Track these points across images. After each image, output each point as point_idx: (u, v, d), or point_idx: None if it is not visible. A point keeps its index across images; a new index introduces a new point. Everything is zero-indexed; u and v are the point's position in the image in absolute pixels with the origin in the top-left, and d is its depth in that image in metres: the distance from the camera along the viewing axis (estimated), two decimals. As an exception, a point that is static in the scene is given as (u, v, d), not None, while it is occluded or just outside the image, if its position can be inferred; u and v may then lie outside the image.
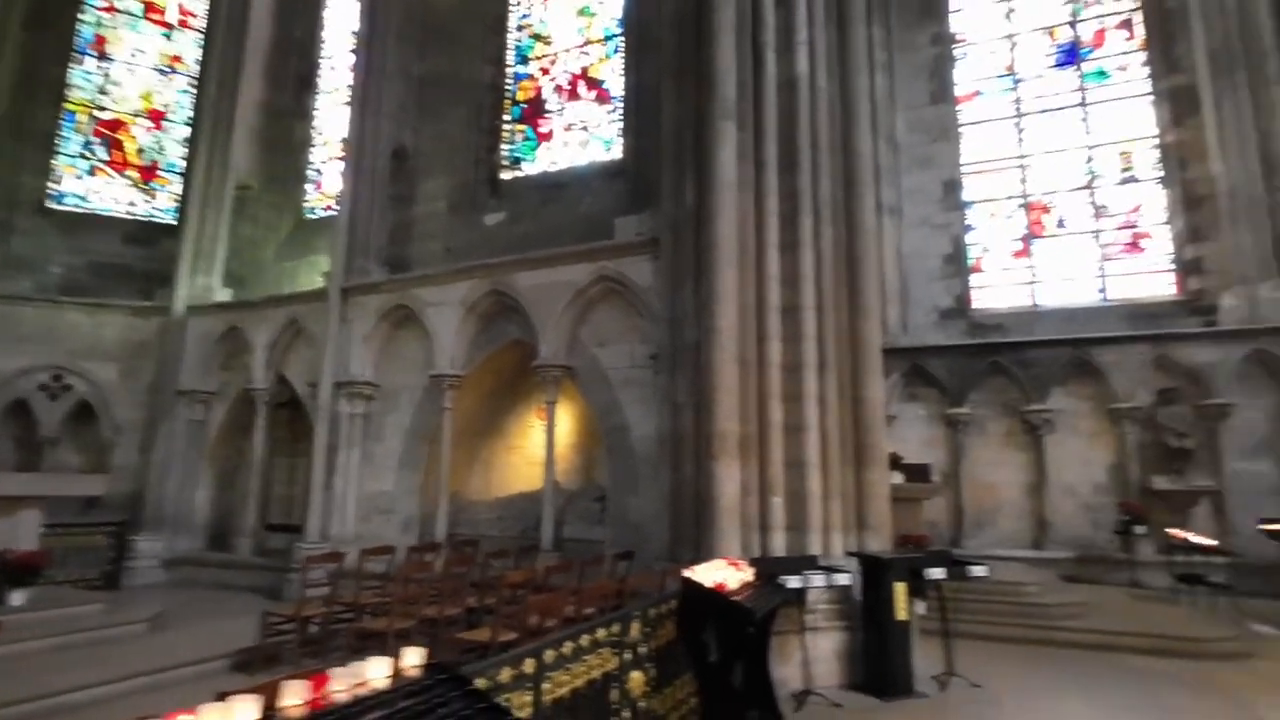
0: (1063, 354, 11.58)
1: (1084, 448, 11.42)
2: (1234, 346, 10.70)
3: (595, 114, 9.42)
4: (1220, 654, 6.39)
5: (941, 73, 14.52)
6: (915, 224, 14.04)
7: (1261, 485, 10.44)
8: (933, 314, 13.73)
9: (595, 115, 9.43)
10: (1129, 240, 13.06)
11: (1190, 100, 12.67)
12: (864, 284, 6.58)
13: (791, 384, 6.14)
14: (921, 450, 12.26)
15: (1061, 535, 11.23)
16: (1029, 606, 7.33)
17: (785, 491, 5.99)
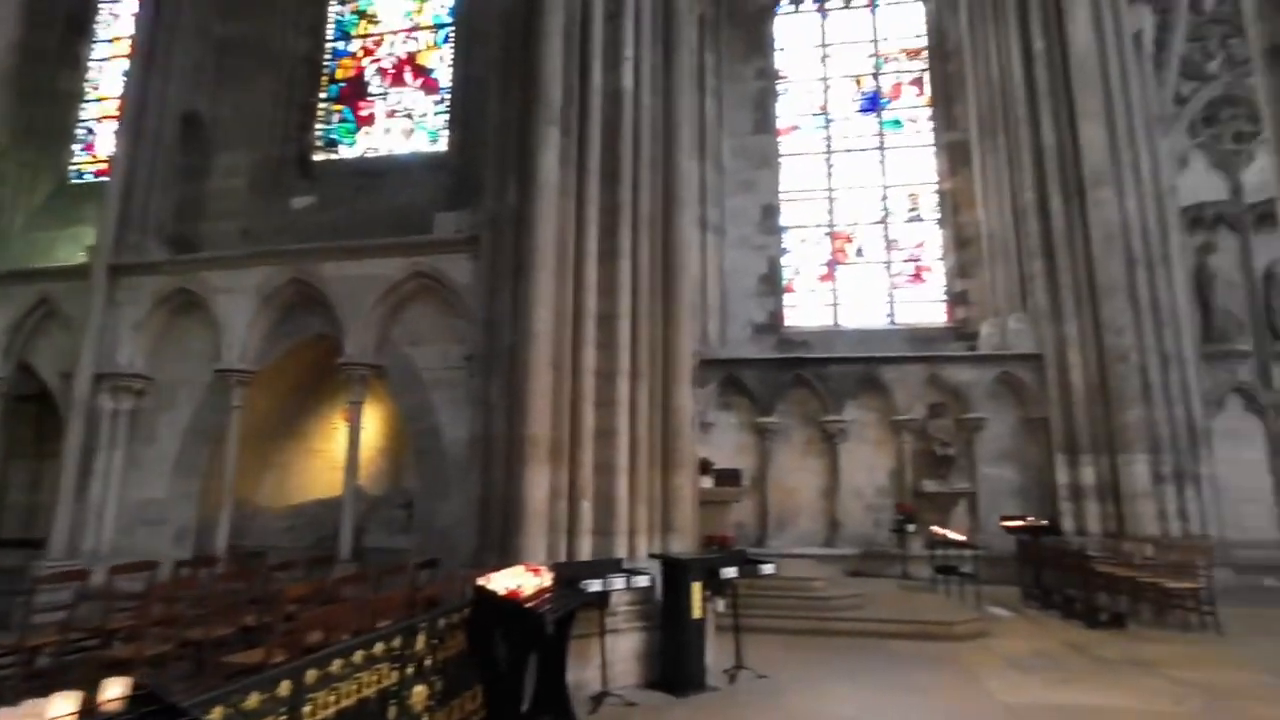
0: (856, 370, 12.83)
1: (870, 455, 12.72)
2: (988, 369, 12.46)
3: (422, 102, 9.02)
4: (964, 635, 7.36)
5: (765, 105, 15.62)
6: (736, 243, 14.94)
7: (1004, 488, 12.24)
8: (748, 329, 14.67)
9: (422, 104, 9.03)
10: (913, 272, 14.80)
11: (963, 154, 14.65)
12: (678, 296, 6.84)
13: (605, 390, 6.23)
14: (734, 456, 13.01)
15: (849, 534, 12.41)
16: (815, 600, 8.00)
17: (595, 495, 6.05)
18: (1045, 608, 9.04)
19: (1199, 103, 12.66)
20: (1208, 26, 12.89)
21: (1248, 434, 11.75)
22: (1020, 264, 12.76)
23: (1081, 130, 12.11)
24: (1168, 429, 11.17)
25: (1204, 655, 6.68)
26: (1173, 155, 12.54)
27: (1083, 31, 12.30)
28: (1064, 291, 11.99)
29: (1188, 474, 11.13)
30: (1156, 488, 10.99)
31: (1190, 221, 12.32)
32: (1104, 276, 11.59)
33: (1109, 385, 11.39)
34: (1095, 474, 11.38)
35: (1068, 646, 7.00)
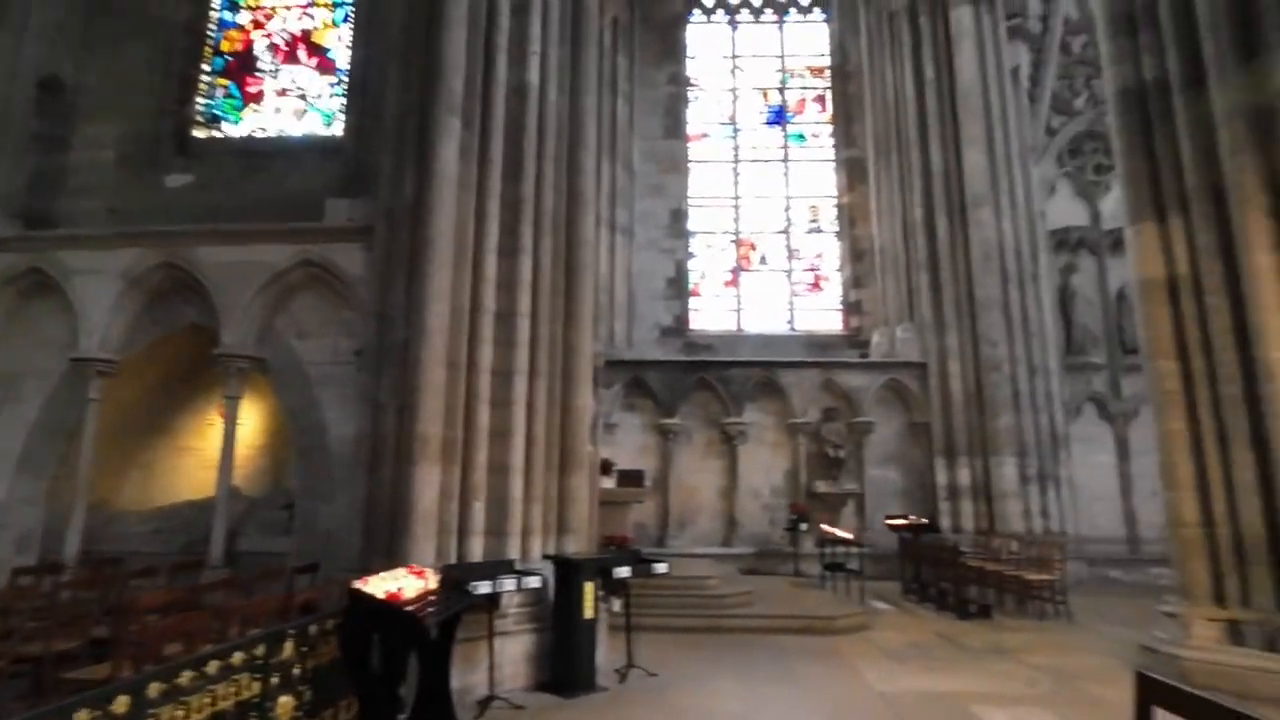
0: (756, 374, 13.21)
1: (768, 456, 13.13)
2: (877, 375, 13.13)
3: (316, 83, 8.57)
4: (846, 628, 7.71)
5: (676, 111, 15.85)
6: (645, 246, 15.07)
7: (890, 488, 12.93)
8: (655, 331, 14.83)
9: (317, 85, 8.58)
10: (812, 281, 15.40)
11: (860, 171, 15.40)
12: (580, 296, 6.82)
13: (501, 389, 6.12)
14: (637, 457, 13.11)
15: (746, 533, 12.76)
16: (709, 598, 8.16)
17: (488, 496, 5.92)
18: (922, 601, 9.60)
19: (1066, 136, 13.84)
20: (1075, 67, 14.11)
21: (1100, 439, 12.92)
22: (909, 277, 13.53)
23: (965, 155, 13.00)
24: (1033, 434, 12.13)
25: (1056, 642, 7.28)
26: (1043, 182, 13.64)
27: (968, 64, 13.20)
28: (946, 304, 12.82)
29: (1049, 476, 12.13)
30: (1023, 488, 11.92)
31: (1056, 244, 13.44)
32: (982, 291, 12.48)
33: (984, 393, 12.27)
34: (970, 475, 12.22)
35: (939, 637, 7.46)
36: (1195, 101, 6.33)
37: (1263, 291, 5.72)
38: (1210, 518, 5.92)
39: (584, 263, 6.88)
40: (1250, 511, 5.68)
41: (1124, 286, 13.16)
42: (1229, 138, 6.03)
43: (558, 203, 6.81)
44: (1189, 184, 6.30)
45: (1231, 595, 5.74)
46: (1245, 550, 5.70)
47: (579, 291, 6.81)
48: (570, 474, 6.47)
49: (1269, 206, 5.83)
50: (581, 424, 6.60)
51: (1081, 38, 14.15)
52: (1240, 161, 5.95)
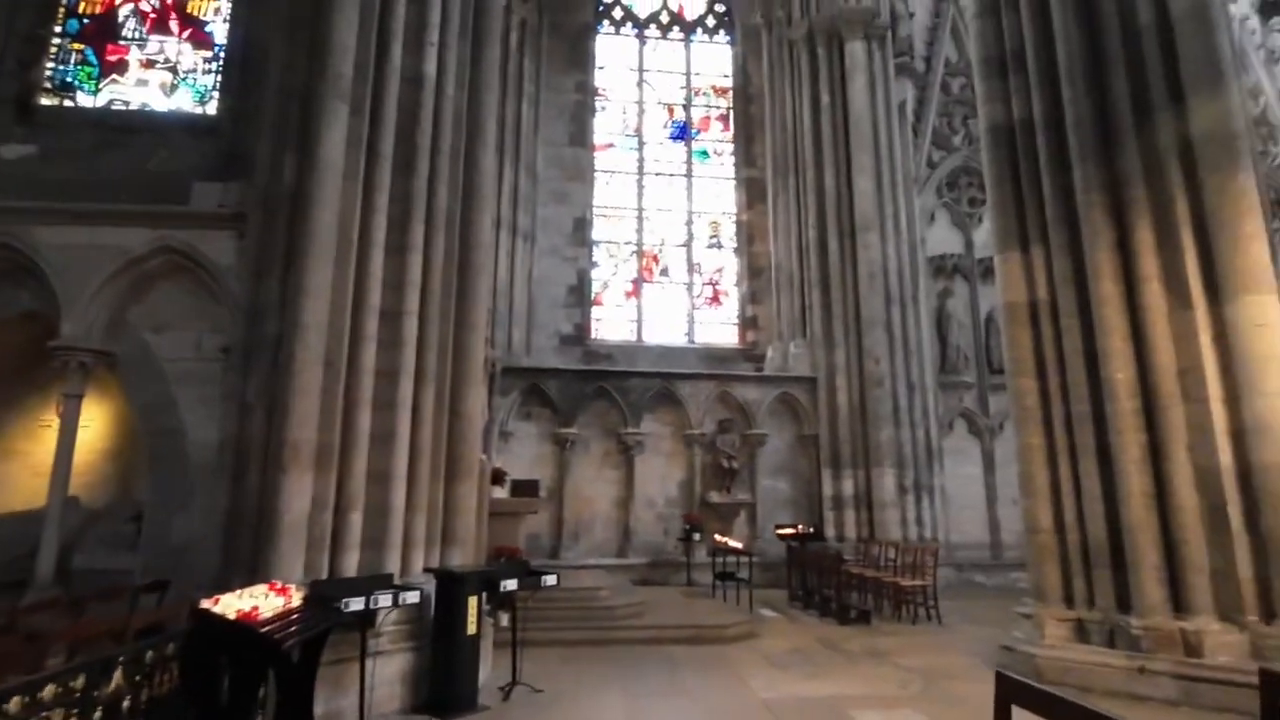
0: (655, 385, 13.28)
1: (664, 466, 13.20)
2: (770, 388, 13.52)
3: (189, 57, 7.89)
4: (735, 637, 7.80)
5: (582, 119, 15.80)
6: (547, 253, 14.87)
7: (780, 498, 13.31)
8: (555, 339, 14.63)
9: (189, 59, 7.90)
10: (712, 295, 15.71)
11: (759, 190, 15.89)
12: (474, 297, 6.58)
13: (385, 391, 5.78)
14: (532, 466, 12.85)
15: (641, 543, 12.75)
16: (600, 610, 8.04)
17: (366, 506, 5.56)
18: (807, 608, 9.89)
19: (945, 169, 14.85)
20: (954, 106, 15.20)
21: (969, 452, 13.84)
22: (803, 294, 14.06)
23: (855, 181, 13.69)
24: (911, 447, 12.85)
25: (927, 644, 7.66)
26: (924, 211, 14.57)
27: (860, 95, 13.94)
28: (836, 321, 13.40)
29: (925, 486, 12.88)
30: (901, 498, 12.59)
31: (935, 269, 14.36)
32: (868, 311, 13.14)
33: (867, 407, 12.88)
34: (854, 485, 12.78)
35: (820, 643, 7.68)
36: (1054, 141, 6.93)
37: (1108, 318, 6.30)
38: (1062, 524, 6.43)
39: (479, 263, 6.65)
40: (1095, 518, 6.20)
41: (992, 311, 14.23)
42: (1081, 176, 6.62)
43: (452, 200, 6.55)
44: (1049, 216, 6.87)
45: (1079, 596, 6.24)
46: (1091, 554, 6.21)
47: (472, 292, 6.57)
48: (458, 482, 6.20)
49: (1114, 241, 6.43)
50: (472, 430, 6.34)
51: (960, 79, 15.27)
52: (1090, 199, 6.54)
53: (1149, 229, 6.27)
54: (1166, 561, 5.82)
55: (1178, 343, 6.05)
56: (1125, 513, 5.97)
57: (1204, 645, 5.42)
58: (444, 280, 6.37)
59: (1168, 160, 6.25)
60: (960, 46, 15.35)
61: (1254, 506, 5.55)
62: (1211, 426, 5.76)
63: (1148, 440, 6.03)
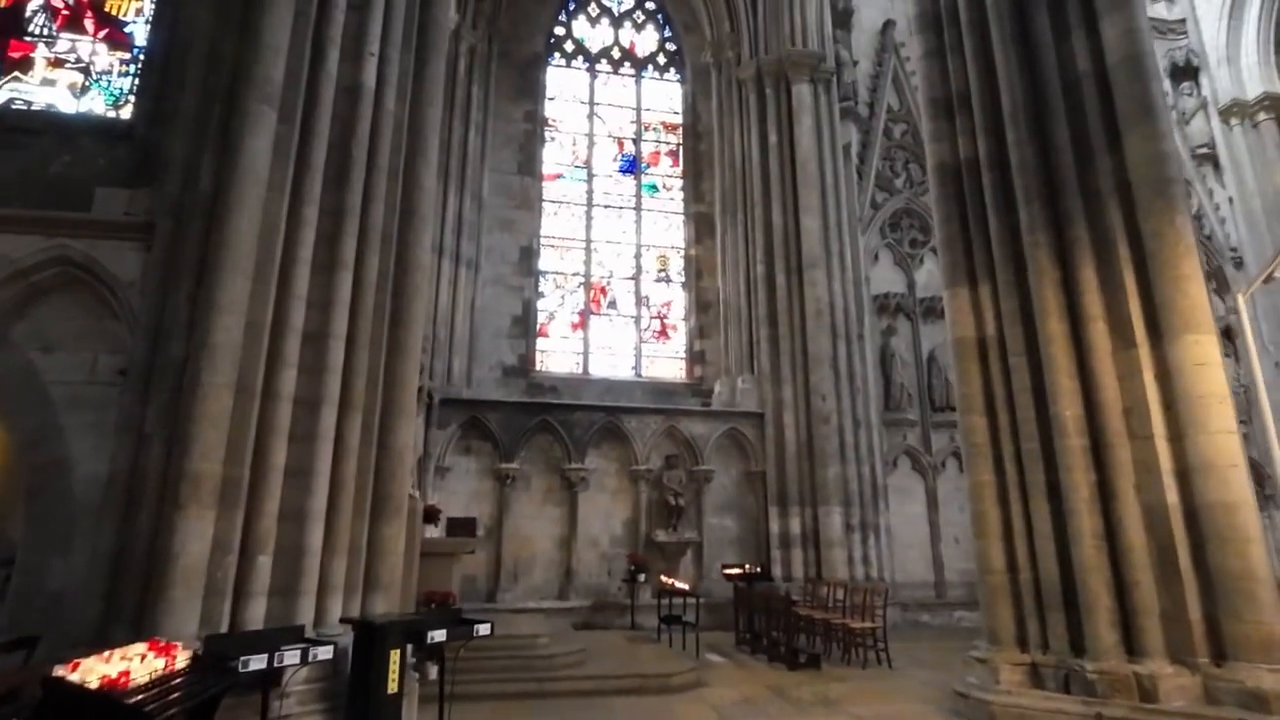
0: (600, 419, 12.90)
1: (608, 504, 12.76)
2: (718, 424, 13.32)
3: (105, 58, 7.31)
4: (680, 686, 7.37)
5: (530, 148, 15.59)
6: (491, 282, 14.46)
7: (727, 536, 13.01)
8: (497, 370, 14.13)
9: (105, 60, 7.32)
10: (659, 329, 15.53)
11: (708, 225, 15.91)
12: (408, 323, 6.14)
13: (305, 421, 5.26)
14: (470, 503, 12.24)
15: (583, 584, 12.20)
16: (538, 659, 7.50)
17: (277, 549, 4.99)
18: (754, 651, 9.53)
19: (888, 210, 15.17)
20: (896, 150, 15.63)
21: (912, 490, 13.87)
22: (750, 330, 14.01)
23: (802, 219, 13.83)
24: (857, 484, 12.79)
25: (879, 690, 7.39)
26: (868, 250, 14.80)
27: (807, 135, 14.19)
28: (783, 357, 13.36)
29: (871, 524, 12.79)
30: (848, 536, 12.46)
31: (879, 307, 14.54)
32: (814, 347, 13.15)
33: (814, 444, 12.80)
34: (801, 524, 12.59)
35: (771, 691, 7.32)
36: (1000, 181, 7.01)
37: (1055, 356, 6.30)
38: (1014, 564, 6.31)
39: (415, 285, 6.24)
40: (1047, 558, 6.10)
41: (934, 350, 14.49)
42: (1026, 216, 6.69)
43: (389, 218, 6.15)
44: (996, 255, 6.91)
45: (1033, 639, 6.09)
46: (1044, 595, 6.09)
47: (407, 318, 6.13)
48: (384, 522, 5.68)
49: (1059, 279, 6.48)
50: (401, 465, 5.85)
51: (901, 125, 15.74)
52: (1036, 239, 6.60)
53: (1092, 268, 6.35)
54: (1119, 603, 5.73)
55: (1122, 381, 6.08)
56: (1077, 553, 5.88)
57: (1158, 689, 5.31)
58: (376, 302, 5.93)
59: (1108, 202, 6.37)
60: (901, 94, 15.87)
61: (1200, 545, 5.53)
62: (1158, 465, 5.76)
63: (1096, 479, 5.99)
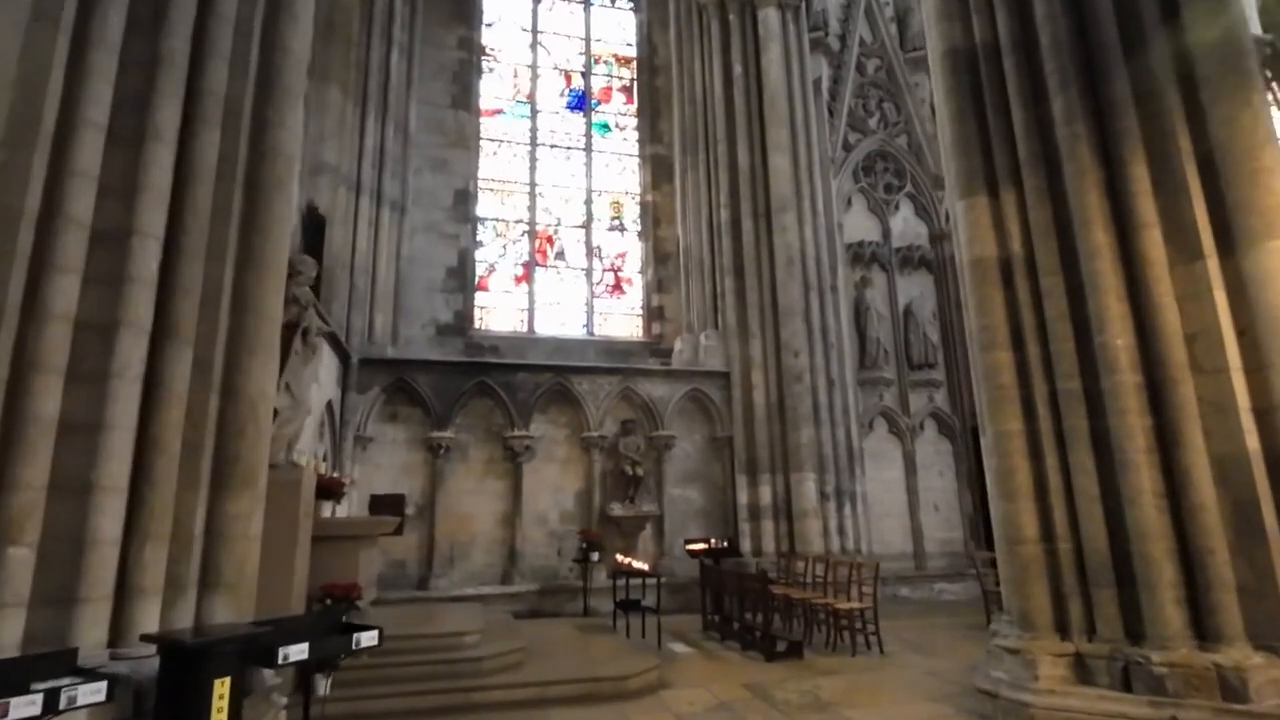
0: (547, 380, 11.40)
1: (557, 475, 11.31)
2: (679, 385, 11.95)
3: None
4: (639, 689, 6.04)
5: (466, 79, 13.78)
6: (422, 229, 12.74)
7: (690, 509, 11.72)
8: (430, 328, 12.49)
9: None
10: (614, 283, 14.02)
11: (666, 169, 14.40)
12: (268, 229, 4.54)
13: (93, 354, 3.65)
14: (398, 478, 10.70)
15: (530, 567, 10.78)
16: (463, 663, 6.06)
17: (46, 537, 3.41)
18: (725, 638, 8.29)
19: (861, 152, 13.90)
20: (869, 88, 14.33)
21: (889, 455, 12.80)
22: (714, 281, 12.63)
23: (771, 158, 12.43)
24: (832, 449, 11.60)
25: (878, 685, 6.19)
26: (840, 196, 13.53)
27: (775, 66, 12.74)
28: (751, 311, 12.04)
29: (846, 492, 11.64)
30: (822, 505, 11.28)
31: (852, 258, 13.32)
32: (785, 299, 11.84)
33: (786, 405, 11.55)
34: (772, 493, 11.37)
35: (749, 691, 6.05)
36: (1025, 66, 5.70)
37: (1100, 274, 5.05)
38: (1050, 532, 5.10)
39: (276, 180, 4.62)
40: (1093, 523, 4.90)
41: (910, 304, 13.37)
42: (1062, 106, 5.40)
43: (237, 85, 4.50)
44: (1022, 155, 5.62)
45: (1075, 623, 4.91)
46: (1089, 569, 4.90)
47: (265, 221, 4.53)
48: (230, 496, 4.13)
49: (1103, 181, 5.23)
50: (256, 418, 4.29)
51: (875, 61, 14.44)
52: (1074, 131, 5.32)
53: (1144, 165, 5.11)
54: (1185, 576, 4.58)
55: (1185, 302, 4.88)
56: (1132, 515, 4.69)
57: (1248, 685, 4.16)
58: (218, 197, 4.30)
59: (1164, 84, 5.12)
60: (874, 26, 14.55)
61: (1290, 502, 4.40)
62: (1233, 403, 4.59)
63: (1154, 424, 4.80)
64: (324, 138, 10.82)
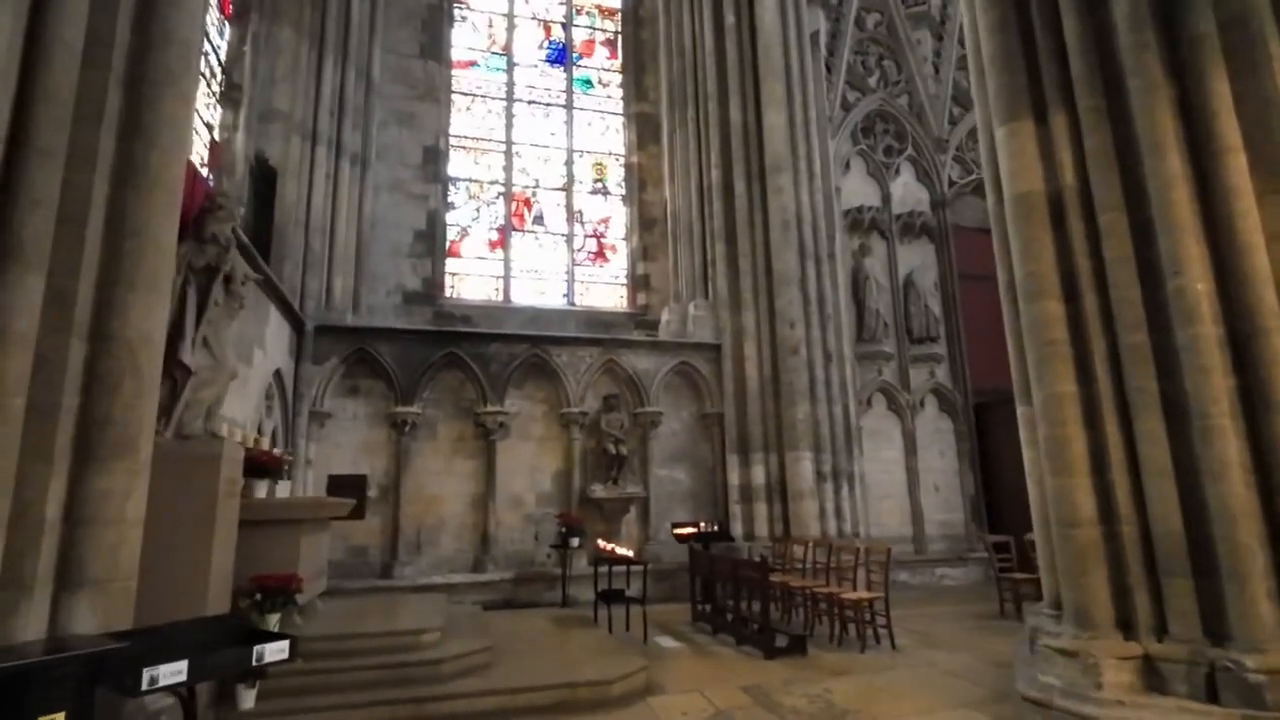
0: (523, 351, 10.48)
1: (534, 454, 10.43)
2: (666, 357, 11.07)
3: None
4: (623, 696, 5.23)
5: (436, 27, 12.70)
6: (387, 187, 11.72)
7: (678, 490, 10.90)
8: (396, 295, 11.51)
9: None
10: (596, 250, 13.10)
11: (653, 129, 13.46)
12: (156, 135, 3.57)
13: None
14: (359, 457, 9.77)
15: (504, 553, 9.93)
16: (419, 666, 5.19)
17: None
18: (717, 631, 7.51)
19: (860, 112, 13.03)
20: (869, 44, 13.44)
21: (888, 433, 12.06)
22: (704, 247, 11.76)
23: (765, 115, 11.52)
24: (828, 426, 10.82)
25: (899, 689, 5.42)
26: (839, 158, 12.67)
27: (770, 15, 11.81)
28: (744, 278, 11.19)
29: (844, 472, 10.88)
30: (819, 486, 10.53)
31: (851, 224, 12.49)
32: (780, 265, 11.00)
33: (780, 379, 10.74)
34: (765, 473, 10.59)
35: (750, 696, 5.26)
36: (1080, -34, 4.84)
37: (1174, 205, 4.23)
38: (1112, 512, 4.31)
39: (166, 73, 3.66)
40: (1164, 502, 4.12)
41: (911, 273, 12.60)
42: (1126, 8, 4.55)
43: (114, -51, 3.52)
44: (1075, 71, 4.77)
45: (1143, 620, 4.13)
46: (1159, 556, 4.12)
47: (153, 124, 3.57)
48: (99, 470, 3.22)
49: (1175, 99, 4.40)
50: (138, 370, 3.36)
51: (875, 15, 13.55)
52: (1142, 39, 4.48)
53: (1225, 79, 4.29)
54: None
55: (1277, 242, 4.09)
56: (1214, 492, 3.92)
57: (1369, 697, 3.42)
58: (85, 87, 3.34)
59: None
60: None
61: (1406, 476, 3.64)
62: (1338, 359, 3.82)
63: (1239, 384, 4.02)
64: (274, 81, 9.76)
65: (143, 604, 4.03)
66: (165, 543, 4.36)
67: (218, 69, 8.89)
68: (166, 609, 4.12)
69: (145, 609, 4.08)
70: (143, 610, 4.08)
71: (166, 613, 4.02)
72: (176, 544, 4.40)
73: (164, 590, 4.23)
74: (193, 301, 4.81)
